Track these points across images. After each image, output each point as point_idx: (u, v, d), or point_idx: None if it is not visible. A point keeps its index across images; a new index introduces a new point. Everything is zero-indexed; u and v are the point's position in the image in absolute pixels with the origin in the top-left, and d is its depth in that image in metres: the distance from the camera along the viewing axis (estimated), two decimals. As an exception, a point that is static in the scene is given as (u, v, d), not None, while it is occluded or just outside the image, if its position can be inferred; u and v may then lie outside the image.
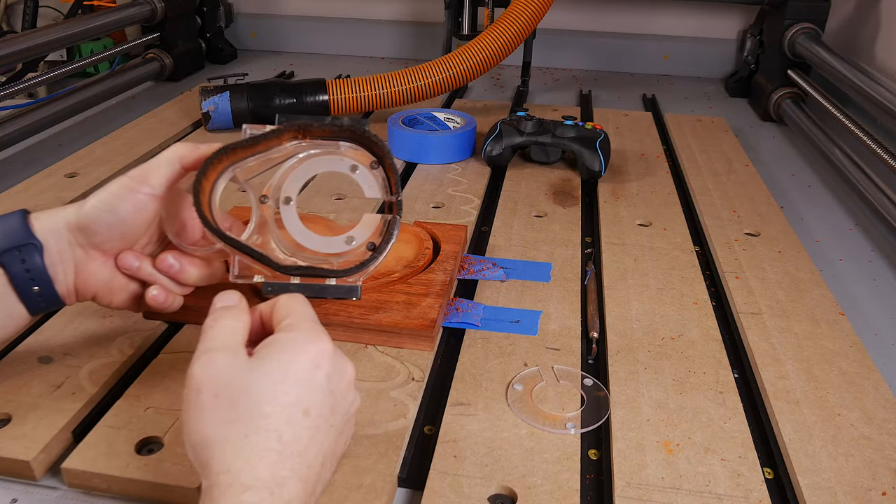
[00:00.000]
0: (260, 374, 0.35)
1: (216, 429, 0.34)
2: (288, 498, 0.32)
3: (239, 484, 0.32)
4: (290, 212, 0.49)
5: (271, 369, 0.35)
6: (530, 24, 1.00)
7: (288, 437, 0.34)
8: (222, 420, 0.34)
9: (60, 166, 0.86)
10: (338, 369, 0.37)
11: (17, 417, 0.45)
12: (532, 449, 0.45)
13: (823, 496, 0.43)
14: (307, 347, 0.37)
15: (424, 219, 0.75)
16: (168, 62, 1.31)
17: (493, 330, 0.57)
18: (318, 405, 0.36)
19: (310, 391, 0.36)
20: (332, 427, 0.36)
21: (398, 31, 1.54)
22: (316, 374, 0.36)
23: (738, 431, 0.47)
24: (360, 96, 0.98)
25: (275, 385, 0.35)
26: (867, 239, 0.80)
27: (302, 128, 0.47)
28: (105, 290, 0.47)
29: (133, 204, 0.44)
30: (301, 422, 0.34)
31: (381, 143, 0.48)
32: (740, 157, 0.96)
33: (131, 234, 0.46)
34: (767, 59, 1.25)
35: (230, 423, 0.34)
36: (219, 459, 0.33)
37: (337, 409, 0.37)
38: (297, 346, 0.37)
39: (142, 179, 0.45)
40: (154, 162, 0.45)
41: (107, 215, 0.44)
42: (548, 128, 0.89)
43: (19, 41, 0.97)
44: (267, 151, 0.47)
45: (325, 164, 0.49)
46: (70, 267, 0.45)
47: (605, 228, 0.75)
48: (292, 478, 0.33)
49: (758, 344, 0.56)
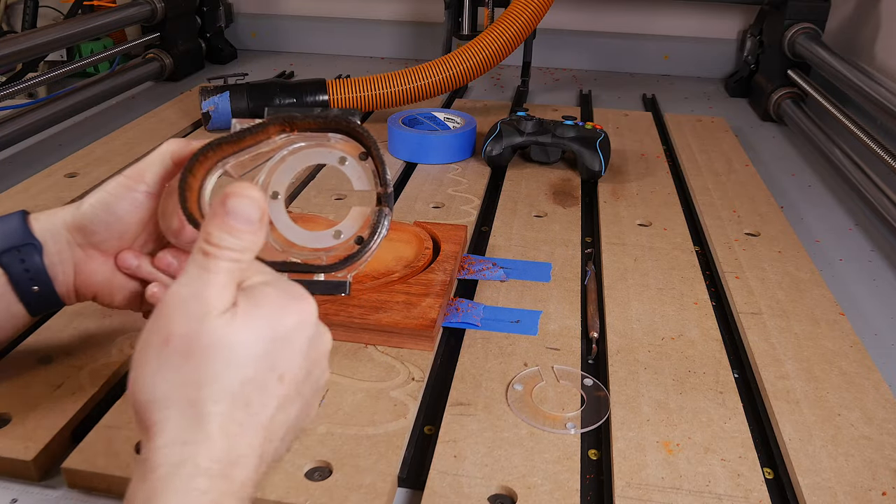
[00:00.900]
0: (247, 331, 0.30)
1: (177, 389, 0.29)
2: (241, 480, 0.29)
3: (193, 464, 0.28)
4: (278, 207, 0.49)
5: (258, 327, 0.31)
6: (530, 24, 1.00)
7: (256, 407, 0.30)
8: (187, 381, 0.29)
9: (60, 166, 0.86)
10: (319, 332, 0.34)
11: (17, 417, 0.45)
12: (532, 449, 0.45)
13: (823, 496, 0.43)
14: (293, 306, 0.32)
15: (424, 219, 0.75)
16: (168, 62, 1.31)
17: (493, 330, 0.57)
18: (295, 371, 0.32)
19: (290, 354, 0.32)
20: (300, 396, 0.33)
21: (398, 31, 1.54)
22: (300, 334, 0.32)
23: (738, 431, 0.47)
24: (360, 96, 0.98)
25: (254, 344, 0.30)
26: (867, 239, 0.80)
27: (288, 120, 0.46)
28: (105, 290, 0.47)
29: (130, 202, 0.44)
30: (274, 389, 0.31)
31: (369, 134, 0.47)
32: (740, 157, 0.96)
33: (129, 233, 0.46)
34: (767, 59, 1.25)
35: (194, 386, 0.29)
36: (172, 427, 0.28)
37: (310, 378, 0.34)
38: (283, 303, 0.32)
39: (137, 178, 0.44)
40: (147, 159, 0.45)
41: (104, 214, 0.44)
42: (548, 128, 0.89)
43: (19, 41, 0.97)
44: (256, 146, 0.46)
45: (313, 156, 0.48)
46: (69, 267, 0.45)
47: (605, 228, 0.75)
48: (250, 455, 0.29)
49: (758, 344, 0.56)
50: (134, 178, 0.44)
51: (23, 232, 0.43)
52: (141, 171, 0.45)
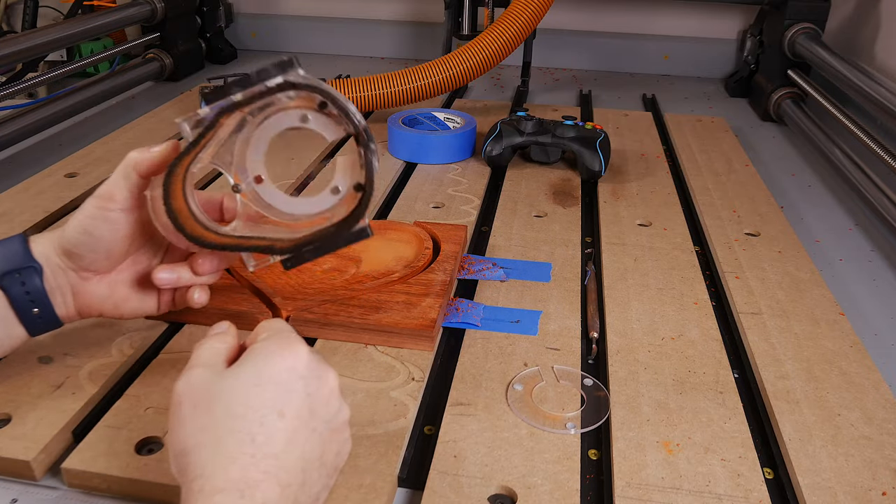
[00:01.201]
0: (233, 379, 0.35)
1: (192, 436, 0.34)
2: (262, 500, 0.32)
3: (210, 486, 0.31)
4: (266, 188, 0.48)
5: (244, 374, 0.35)
6: (530, 24, 1.00)
7: (262, 439, 0.33)
8: (198, 427, 0.34)
9: (60, 166, 0.86)
10: (315, 373, 0.37)
11: (17, 417, 0.45)
12: (532, 449, 0.45)
13: (823, 496, 0.43)
14: (282, 352, 0.36)
15: (424, 219, 0.75)
16: (168, 62, 1.31)
17: (493, 330, 0.57)
18: (295, 407, 0.35)
19: (285, 393, 0.35)
20: (313, 431, 0.35)
21: (398, 31, 1.54)
22: (290, 375, 0.36)
23: (738, 431, 0.47)
24: (360, 96, 0.98)
25: (248, 388, 0.35)
26: (867, 239, 0.80)
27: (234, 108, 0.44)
28: (108, 306, 0.48)
29: (107, 223, 0.44)
30: (276, 423, 0.34)
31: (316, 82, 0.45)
32: (740, 157, 0.96)
33: (116, 250, 0.46)
34: (767, 59, 1.25)
35: (205, 430, 0.34)
36: (194, 465, 0.33)
37: (317, 414, 0.36)
38: (271, 351, 0.37)
39: (108, 198, 0.44)
40: (112, 179, 0.45)
41: (85, 238, 0.44)
42: (548, 128, 0.89)
43: (19, 41, 0.97)
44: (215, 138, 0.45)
45: (274, 125, 0.46)
46: (67, 290, 0.46)
47: (605, 228, 0.75)
48: (266, 480, 0.32)
49: (758, 344, 0.56)
50: (105, 199, 0.44)
51: (23, 255, 0.44)
52: (110, 192, 0.45)
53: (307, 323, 0.55)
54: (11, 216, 0.73)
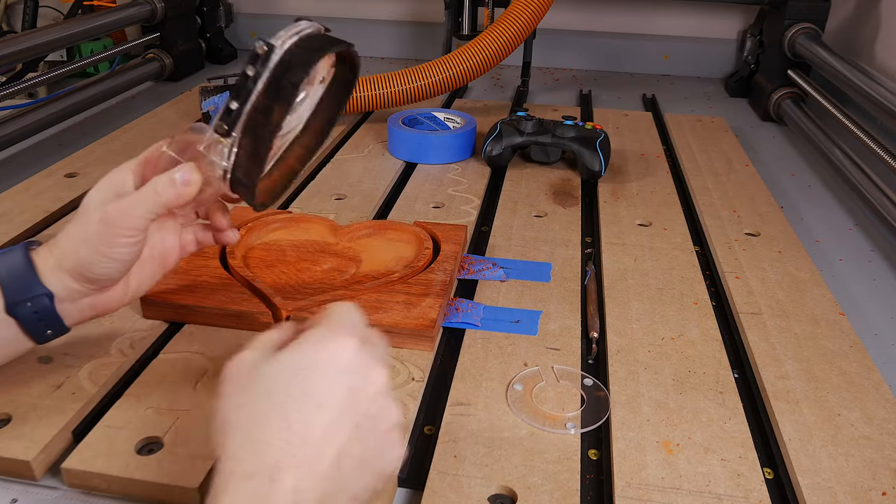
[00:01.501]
0: (277, 364, 0.35)
1: (229, 413, 0.34)
2: (293, 486, 0.31)
3: (241, 471, 0.32)
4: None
5: (288, 360, 0.35)
6: (530, 24, 1.00)
7: (298, 427, 0.33)
8: (236, 405, 0.34)
9: (60, 166, 0.86)
10: (361, 370, 0.36)
11: (17, 417, 0.45)
12: (532, 449, 0.45)
13: (823, 496, 0.43)
14: (326, 343, 0.36)
15: (424, 219, 0.75)
16: (168, 62, 1.31)
17: (493, 330, 0.57)
18: (335, 399, 0.34)
19: (325, 383, 0.35)
20: (356, 427, 0.35)
21: (398, 31, 1.54)
22: (332, 367, 0.35)
23: (738, 431, 0.47)
24: (360, 96, 0.98)
25: (289, 375, 0.35)
26: (867, 239, 0.80)
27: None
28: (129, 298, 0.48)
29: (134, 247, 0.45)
30: (312, 413, 0.34)
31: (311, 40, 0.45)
32: (740, 157, 0.96)
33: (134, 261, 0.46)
34: (767, 59, 1.25)
35: (242, 408, 0.34)
36: (228, 444, 0.33)
37: (359, 408, 0.35)
38: (317, 340, 0.36)
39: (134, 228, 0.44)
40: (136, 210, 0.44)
41: (111, 265, 0.44)
42: (548, 128, 0.89)
43: (19, 41, 0.97)
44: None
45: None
46: (85, 305, 0.46)
47: (605, 228, 0.75)
48: (300, 468, 0.32)
49: (758, 344, 0.56)
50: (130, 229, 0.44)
51: (33, 283, 0.44)
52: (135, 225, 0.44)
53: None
54: (11, 216, 0.73)
